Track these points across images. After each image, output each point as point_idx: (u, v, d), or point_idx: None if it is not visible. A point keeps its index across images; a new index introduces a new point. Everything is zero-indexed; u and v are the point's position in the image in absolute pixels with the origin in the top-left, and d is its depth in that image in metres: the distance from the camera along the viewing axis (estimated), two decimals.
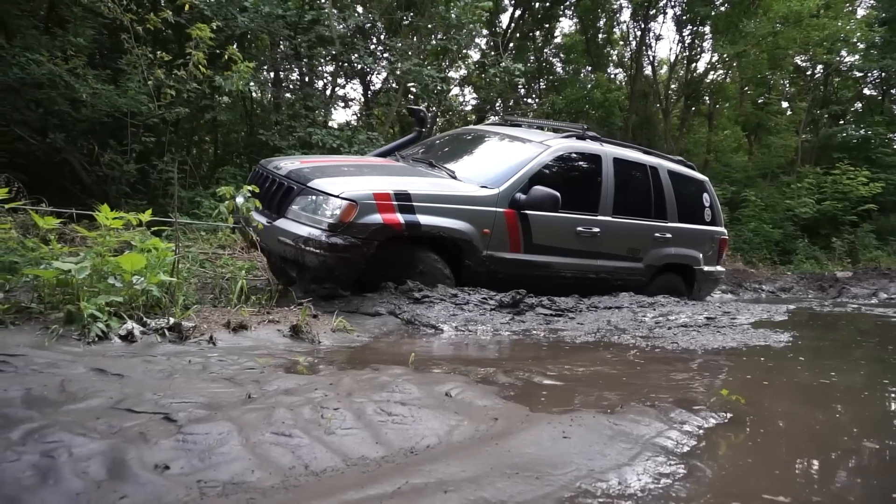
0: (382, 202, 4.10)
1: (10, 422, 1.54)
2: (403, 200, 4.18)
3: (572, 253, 5.19)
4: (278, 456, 1.51)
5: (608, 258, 5.51)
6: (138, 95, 8.40)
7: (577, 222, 5.21)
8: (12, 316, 2.72)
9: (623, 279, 5.66)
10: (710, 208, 6.70)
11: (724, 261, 6.98)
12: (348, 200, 3.99)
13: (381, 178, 4.54)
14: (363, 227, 3.99)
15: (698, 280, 6.43)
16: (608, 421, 1.84)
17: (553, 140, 5.49)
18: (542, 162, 5.04)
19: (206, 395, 1.90)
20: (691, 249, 6.31)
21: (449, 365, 2.72)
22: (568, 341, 3.46)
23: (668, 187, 6.11)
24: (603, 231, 5.37)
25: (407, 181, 4.48)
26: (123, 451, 1.43)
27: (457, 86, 16.69)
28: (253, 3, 9.70)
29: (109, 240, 3.14)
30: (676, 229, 6.11)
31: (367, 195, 4.07)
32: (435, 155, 5.65)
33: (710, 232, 6.63)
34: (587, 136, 5.77)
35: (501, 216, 4.64)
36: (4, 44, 7.94)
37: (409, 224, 4.15)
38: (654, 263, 5.92)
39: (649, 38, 22.04)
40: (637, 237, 5.76)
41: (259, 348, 2.84)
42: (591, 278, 5.40)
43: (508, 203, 4.68)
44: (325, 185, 4.15)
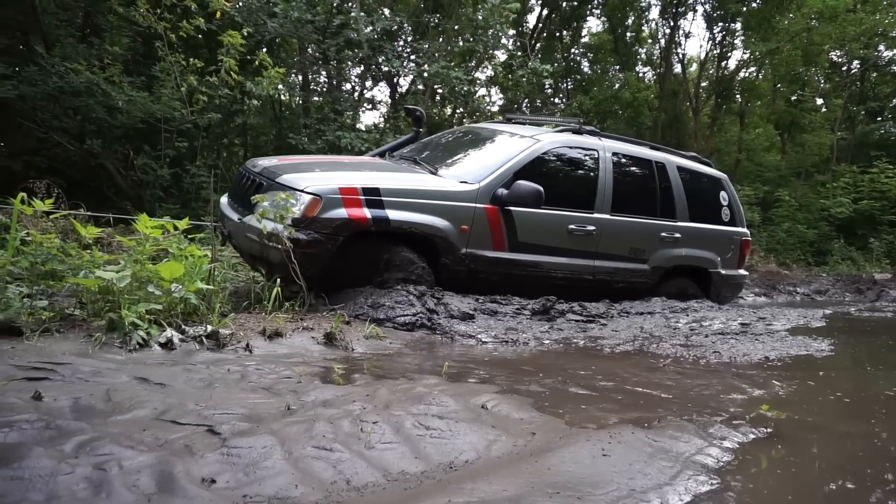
0: (349, 197, 4.00)
1: (62, 433, 1.59)
2: (372, 195, 4.08)
3: (564, 252, 4.96)
4: (320, 470, 1.53)
5: (607, 258, 5.24)
6: (171, 101, 8.58)
7: (568, 220, 4.98)
8: (58, 323, 2.80)
9: (625, 281, 5.39)
10: (729, 207, 6.32)
11: (746, 263, 6.59)
12: (312, 195, 3.92)
13: (350, 173, 4.46)
14: (327, 221, 3.92)
15: (715, 284, 6.07)
16: (647, 437, 1.82)
17: (544, 135, 5.27)
18: (528, 157, 4.84)
19: (246, 407, 1.94)
20: (705, 251, 5.97)
21: (482, 374, 2.72)
22: (605, 350, 3.43)
23: (678, 185, 5.79)
24: (599, 230, 5.12)
25: (378, 176, 4.39)
26: (171, 464, 1.47)
27: (483, 86, 16.68)
28: (282, 9, 9.82)
29: (147, 247, 3.21)
30: (687, 229, 5.77)
31: (333, 189, 4.00)
32: (426, 153, 5.51)
33: (729, 233, 6.25)
34: (584, 130, 5.53)
35: (482, 212, 4.47)
36: (45, 54, 8.17)
37: (376, 219, 4.05)
38: (662, 265, 5.62)
39: (679, 36, 21.75)
40: (640, 237, 5.47)
41: (294, 356, 2.88)
42: (588, 280, 5.15)
43: (490, 199, 4.51)
44: (292, 180, 4.10)
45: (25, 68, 8.11)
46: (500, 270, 4.59)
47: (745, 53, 21.53)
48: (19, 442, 1.50)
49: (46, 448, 1.47)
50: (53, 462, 1.40)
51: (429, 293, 4.13)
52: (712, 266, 6.02)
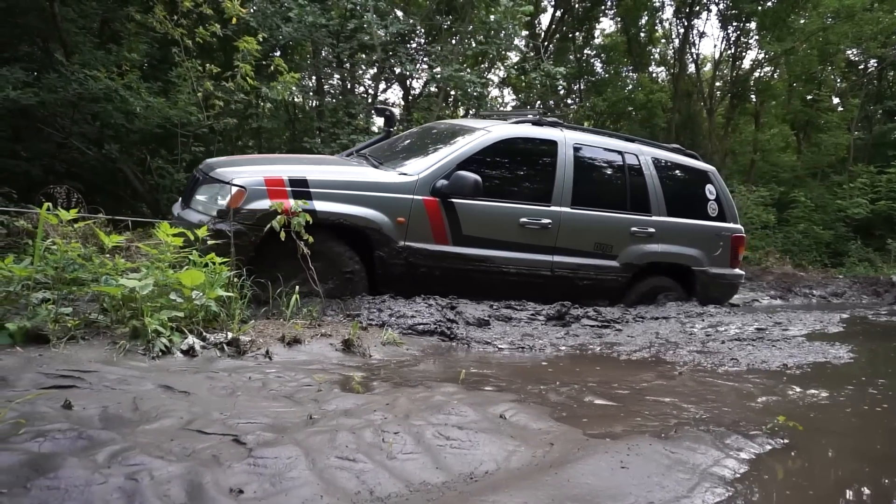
0: (274, 188, 3.99)
1: (94, 443, 1.63)
2: (299, 186, 4.05)
3: (516, 247, 4.79)
4: (344, 481, 1.56)
5: (568, 254, 5.04)
6: (188, 106, 8.68)
7: (520, 213, 4.81)
8: (83, 331, 2.86)
9: (591, 278, 5.17)
10: (717, 202, 6.04)
11: (740, 261, 6.24)
12: (237, 186, 3.95)
13: (280, 165, 4.45)
14: (250, 213, 3.92)
15: (701, 283, 5.78)
16: (665, 449, 1.84)
17: (495, 126, 5.14)
18: (474, 148, 4.72)
19: (269, 416, 1.98)
20: (687, 247, 5.68)
21: (500, 382, 2.75)
22: (621, 356, 3.44)
23: (653, 177, 5.57)
24: (557, 223, 4.94)
25: (308, 168, 4.35)
26: (199, 474, 1.51)
27: (496, 88, 16.70)
28: (297, 14, 9.91)
29: (169, 255, 3.27)
30: (663, 224, 5.53)
31: (258, 181, 4.00)
32: (383, 150, 5.45)
33: (716, 228, 5.96)
34: (545, 121, 5.37)
35: (420, 204, 4.37)
36: (65, 61, 8.30)
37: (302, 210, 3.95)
38: (634, 262, 5.38)
39: (693, 36, 21.67)
40: (607, 232, 5.26)
41: (313, 363, 2.92)
42: (546, 276, 4.95)
43: (430, 190, 4.42)
44: (222, 174, 4.13)
45: (46, 75, 8.25)
46: (443, 265, 4.48)
47: (759, 53, 21.40)
48: (53, 452, 1.55)
49: (80, 458, 1.51)
50: (87, 472, 1.44)
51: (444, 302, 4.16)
52: (696, 264, 5.75)
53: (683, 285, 5.77)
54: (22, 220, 5.70)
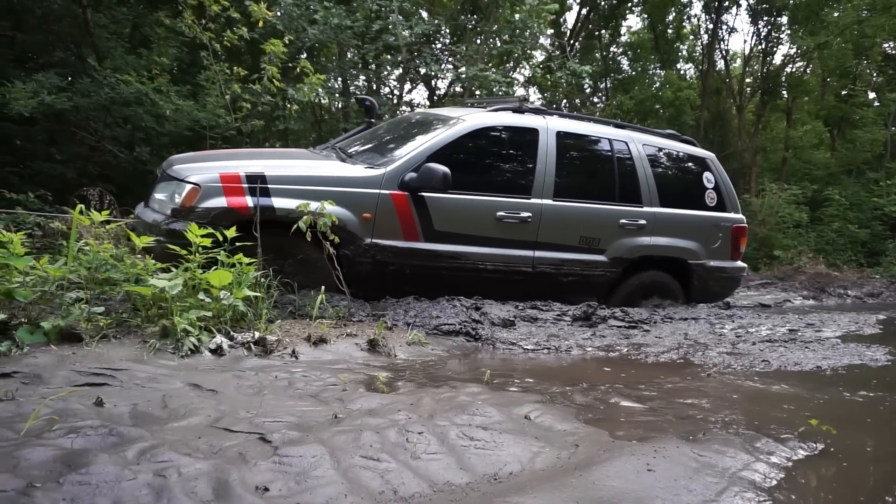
0: (230, 185, 3.85)
1: (124, 440, 1.66)
2: (257, 183, 3.90)
3: (493, 242, 4.54)
4: (368, 480, 1.57)
5: (550, 249, 4.76)
6: (216, 109, 8.83)
7: (497, 206, 4.55)
8: (114, 329, 2.92)
9: (576, 274, 4.88)
10: (716, 190, 5.65)
11: (742, 253, 5.84)
12: (191, 184, 3.81)
13: (240, 161, 4.27)
14: (205, 211, 3.79)
15: (699, 277, 5.42)
16: (692, 452, 1.81)
17: (470, 114, 4.87)
18: (446, 139, 4.48)
19: (295, 415, 1.99)
20: (683, 240, 5.33)
21: (524, 382, 2.73)
22: (648, 358, 3.40)
23: (644, 166, 5.23)
24: (538, 217, 4.66)
25: (267, 163, 4.19)
26: (226, 471, 1.52)
27: (521, 86, 16.64)
28: (322, 16, 9.99)
29: (198, 256, 3.32)
30: (656, 215, 5.19)
31: (213, 178, 3.86)
32: (358, 142, 5.25)
33: (715, 219, 5.56)
34: (526, 108, 5.08)
35: (387, 199, 4.18)
36: (97, 66, 8.50)
37: (259, 208, 3.86)
38: (624, 256, 5.07)
39: (722, 32, 21.31)
40: (593, 225, 4.95)
41: (339, 362, 2.94)
42: (527, 272, 4.69)
43: (398, 184, 4.22)
44: (178, 170, 4.00)
45: (79, 80, 8.47)
46: (413, 262, 4.28)
47: (791, 48, 20.94)
48: (85, 448, 1.58)
49: (110, 454, 1.54)
50: (117, 468, 1.47)
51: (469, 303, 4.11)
52: (693, 257, 5.39)
53: (680, 280, 5.46)
54: (56, 221, 5.85)
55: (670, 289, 5.40)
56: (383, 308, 4.17)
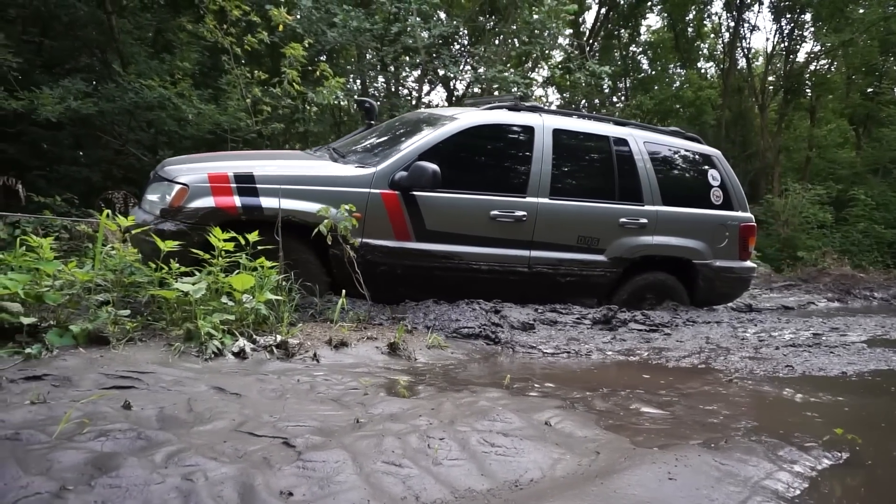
0: (218, 185, 3.84)
1: (151, 444, 1.70)
2: (245, 183, 3.89)
3: (487, 242, 4.47)
4: (390, 486, 1.58)
5: (547, 248, 4.68)
6: (237, 112, 8.93)
7: (490, 205, 4.48)
8: (140, 332, 2.98)
9: (575, 274, 4.79)
10: (722, 188, 5.53)
11: (751, 253, 5.70)
12: (180, 184, 3.82)
13: (230, 161, 4.26)
14: (193, 211, 3.78)
15: (704, 278, 5.29)
16: (714, 460, 1.80)
17: (464, 113, 4.83)
18: (438, 137, 4.43)
19: (317, 419, 2.02)
20: (687, 239, 5.21)
21: (544, 387, 2.73)
22: (669, 362, 3.37)
23: (645, 164, 5.13)
24: (533, 215, 4.58)
25: (257, 163, 4.17)
26: (251, 476, 1.55)
27: (540, 87, 16.59)
28: (341, 19, 10.06)
29: (221, 260, 3.37)
30: (657, 214, 5.08)
31: (201, 178, 3.86)
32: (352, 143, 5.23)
33: (721, 218, 5.44)
34: (522, 106, 5.00)
35: (377, 198, 4.14)
36: (122, 72, 8.65)
37: (247, 207, 3.85)
38: (625, 256, 4.96)
39: (744, 30, 21.05)
40: (592, 224, 4.85)
41: (360, 366, 2.96)
42: (522, 273, 4.62)
43: (388, 183, 4.18)
44: (169, 171, 4.01)
45: (104, 85, 8.62)
46: (405, 262, 4.22)
47: (815, 45, 20.61)
48: (115, 451, 1.62)
49: (139, 458, 1.58)
50: (146, 472, 1.50)
51: (489, 306, 4.10)
52: (698, 257, 5.27)
53: (685, 280, 5.33)
54: (83, 224, 5.97)
55: (674, 290, 5.28)
56: (403, 311, 4.20)
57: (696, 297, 5.33)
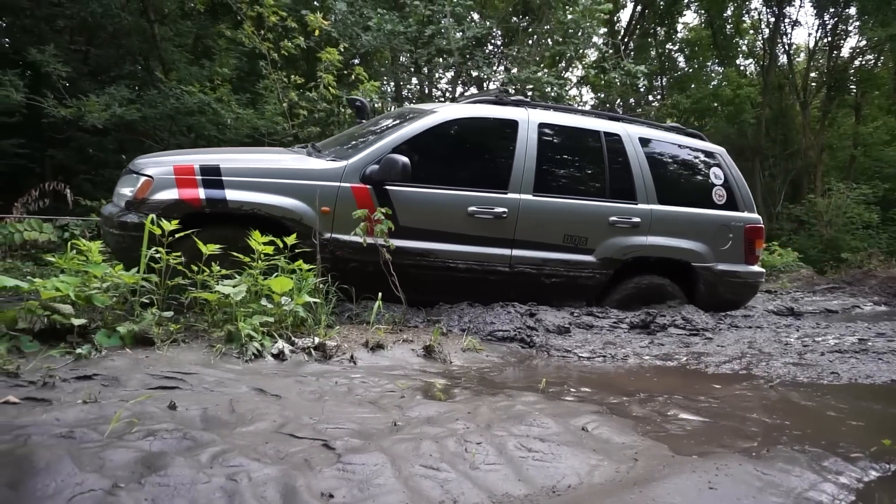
0: (183, 177, 3.78)
1: (197, 444, 1.75)
2: (210, 175, 3.82)
3: (465, 239, 4.29)
4: (428, 489, 1.60)
5: (530, 247, 4.48)
6: (274, 116, 9.10)
7: (467, 201, 4.30)
8: (183, 334, 3.06)
9: (560, 275, 4.57)
10: (726, 187, 5.23)
11: (758, 257, 5.35)
12: (145, 176, 3.77)
13: (198, 154, 4.21)
14: (156, 203, 3.72)
15: (705, 282, 4.99)
16: (756, 470, 1.77)
17: (444, 106, 4.72)
18: (414, 131, 4.31)
19: (356, 422, 2.05)
20: (685, 240, 4.92)
21: (581, 392, 2.72)
22: (709, 368, 3.32)
23: (639, 160, 4.88)
24: (515, 212, 4.39)
25: (224, 156, 4.13)
26: (293, 477, 1.58)
27: (574, 87, 16.47)
28: (376, 23, 10.15)
29: (261, 263, 3.44)
30: (652, 213, 4.82)
31: (167, 170, 3.81)
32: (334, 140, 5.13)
33: (723, 218, 5.13)
34: (507, 100, 4.83)
35: (347, 192, 4.02)
36: (164, 78, 8.89)
37: (211, 200, 3.77)
38: (616, 257, 4.72)
39: (784, 25, 20.52)
40: (579, 222, 4.63)
41: (396, 368, 2.99)
42: (503, 272, 4.42)
43: (360, 177, 4.07)
44: (138, 164, 3.98)
45: (147, 92, 8.87)
46: (376, 259, 3.97)
47: (860, 40, 19.96)
48: (163, 451, 1.67)
49: (185, 457, 1.63)
50: (192, 471, 1.55)
51: (524, 309, 4.08)
52: (697, 259, 4.97)
53: (683, 284, 5.03)
54: None
55: (671, 294, 4.99)
56: (437, 314, 4.22)
57: (696, 302, 5.02)
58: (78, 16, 8.96)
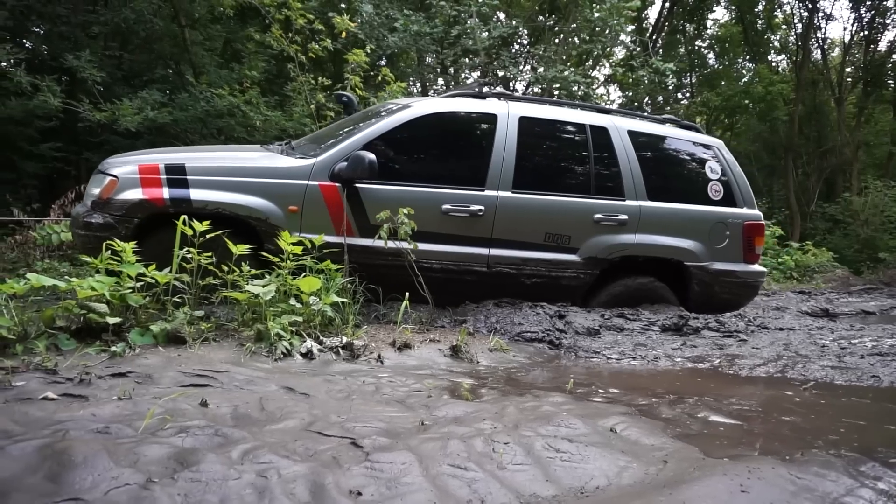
0: (148, 176, 3.74)
1: (228, 441, 1.78)
2: (175, 174, 3.77)
3: (440, 238, 4.16)
4: (456, 488, 1.60)
5: (509, 246, 4.34)
6: (302, 118, 9.20)
7: (441, 198, 4.17)
8: (214, 333, 3.11)
9: (542, 276, 4.43)
10: (723, 182, 5.00)
11: (758, 255, 5.09)
12: (111, 176, 3.75)
13: (165, 154, 4.15)
14: (120, 203, 3.70)
15: (699, 282, 4.77)
16: (790, 473, 1.73)
17: (419, 101, 4.61)
18: (386, 126, 4.21)
19: (383, 420, 2.06)
20: (676, 238, 4.72)
21: (609, 393, 2.69)
22: (743, 370, 3.26)
23: (627, 154, 4.69)
24: (492, 210, 4.26)
25: (190, 154, 4.07)
26: (322, 475, 1.60)
27: (601, 85, 16.32)
28: (402, 24, 10.20)
29: (289, 263, 3.48)
30: (640, 209, 4.64)
31: (132, 169, 3.78)
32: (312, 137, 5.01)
33: (719, 214, 4.89)
34: (487, 93, 4.71)
35: (315, 190, 3.94)
36: (194, 82, 9.05)
37: (175, 199, 3.72)
38: (601, 256, 4.55)
39: (818, 20, 20.04)
40: (561, 220, 4.47)
41: (423, 368, 3.00)
42: (481, 272, 4.30)
43: (329, 175, 3.98)
44: (106, 164, 3.96)
45: (178, 95, 9.04)
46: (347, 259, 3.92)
47: None
48: (195, 447, 1.70)
49: (217, 454, 1.65)
50: (223, 468, 1.57)
51: (552, 310, 4.04)
52: (690, 258, 4.75)
53: (675, 285, 4.83)
54: None
55: (662, 295, 4.79)
56: (463, 314, 4.22)
57: (690, 303, 4.84)
58: (112, 22, 9.18)
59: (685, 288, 4.82)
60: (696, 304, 4.79)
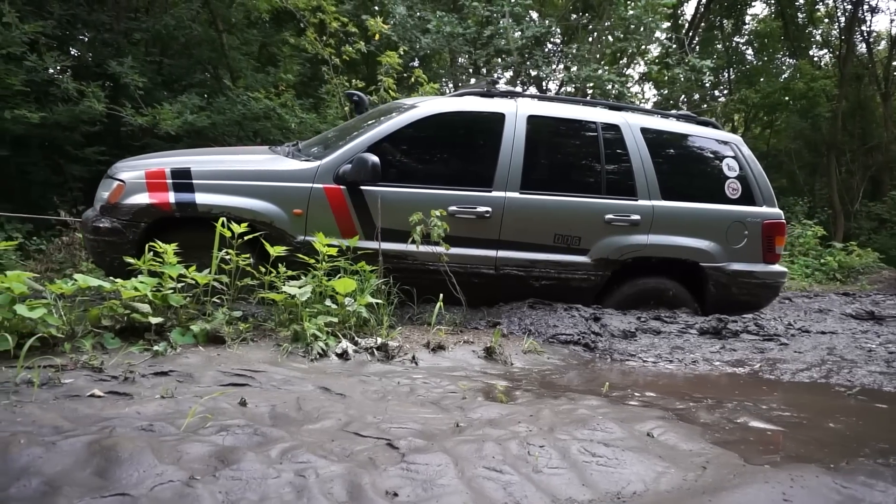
0: (154, 181, 3.76)
1: (267, 440, 1.81)
2: (181, 178, 3.78)
3: (446, 240, 4.02)
4: (491, 491, 1.60)
5: (517, 248, 4.26)
6: (336, 120, 9.29)
7: (447, 200, 4.09)
8: (252, 333, 3.17)
9: (551, 278, 4.33)
10: (741, 179, 4.79)
11: (778, 255, 4.87)
12: (118, 181, 3.78)
13: (171, 158, 4.16)
14: (127, 208, 3.73)
15: (716, 283, 4.59)
16: (834, 482, 1.68)
17: (426, 101, 4.52)
18: (392, 127, 4.15)
19: (419, 422, 2.07)
20: (692, 238, 4.56)
21: (646, 397, 2.66)
22: (785, 375, 3.18)
23: (640, 152, 4.55)
24: (500, 211, 4.18)
25: (196, 158, 4.07)
26: (358, 475, 1.62)
27: (636, 84, 16.11)
28: (435, 25, 10.23)
29: (325, 264, 3.52)
30: (654, 209, 4.49)
31: (138, 174, 3.80)
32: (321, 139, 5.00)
33: (737, 213, 4.70)
34: (494, 92, 4.61)
35: (320, 193, 3.91)
36: (231, 85, 9.23)
37: (181, 204, 3.73)
38: (613, 257, 4.43)
39: (862, 12, 19.39)
40: (571, 220, 4.36)
41: (457, 369, 3.01)
42: (489, 275, 4.22)
43: (333, 178, 3.95)
44: (114, 168, 3.99)
45: (215, 99, 9.23)
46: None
47: None
48: (235, 446, 1.74)
49: (256, 453, 1.69)
50: (263, 466, 1.61)
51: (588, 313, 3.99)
52: (707, 259, 4.59)
53: (691, 286, 4.67)
54: None
55: (677, 296, 4.64)
56: (497, 315, 4.21)
57: (706, 305, 4.68)
58: (153, 28, 9.42)
59: (701, 289, 4.69)
60: (713, 306, 4.65)
